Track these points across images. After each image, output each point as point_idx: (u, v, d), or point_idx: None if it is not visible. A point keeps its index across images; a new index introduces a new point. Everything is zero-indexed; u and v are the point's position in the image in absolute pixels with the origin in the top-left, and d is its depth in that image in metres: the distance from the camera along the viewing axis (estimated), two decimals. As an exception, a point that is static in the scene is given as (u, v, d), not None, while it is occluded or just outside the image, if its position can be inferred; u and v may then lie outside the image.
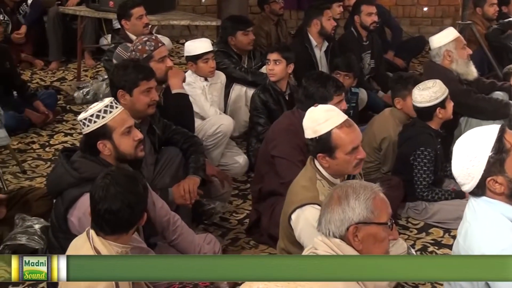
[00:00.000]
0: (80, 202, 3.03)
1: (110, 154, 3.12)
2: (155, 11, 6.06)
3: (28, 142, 5.56)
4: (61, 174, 3.13)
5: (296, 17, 8.33)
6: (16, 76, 5.90)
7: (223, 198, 4.42)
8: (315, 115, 3.16)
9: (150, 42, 4.10)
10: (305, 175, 3.20)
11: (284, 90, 4.86)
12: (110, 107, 3.12)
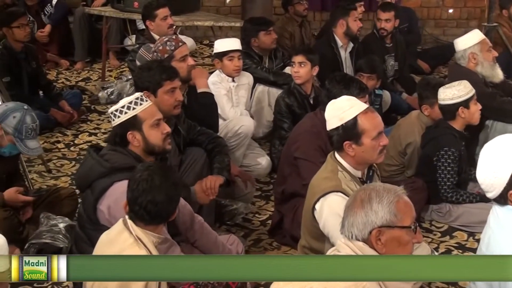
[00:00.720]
0: (110, 191, 3.09)
1: (139, 146, 3.20)
2: (179, 11, 6.09)
3: (54, 141, 5.61)
4: (91, 165, 3.21)
5: (320, 19, 8.32)
6: (42, 75, 5.98)
7: (246, 199, 4.44)
8: (338, 104, 3.20)
9: (170, 42, 4.13)
10: (325, 168, 3.23)
11: (309, 93, 4.85)
12: (140, 99, 3.23)
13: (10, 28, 5.62)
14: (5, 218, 3.83)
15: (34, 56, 5.87)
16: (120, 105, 3.21)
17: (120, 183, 3.05)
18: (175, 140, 3.83)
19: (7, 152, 3.90)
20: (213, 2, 8.39)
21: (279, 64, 5.74)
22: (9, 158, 3.98)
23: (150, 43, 4.70)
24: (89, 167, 3.21)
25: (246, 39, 5.53)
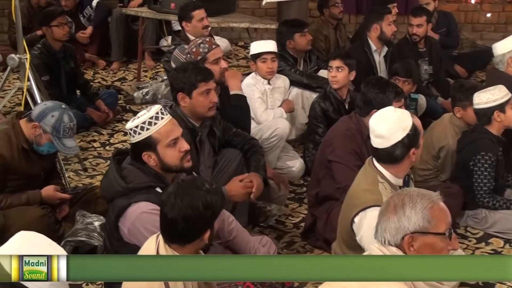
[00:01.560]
0: (128, 212, 3.03)
1: (156, 165, 3.11)
2: (215, 13, 6.12)
3: (90, 140, 5.68)
4: (110, 181, 3.14)
5: (355, 22, 8.28)
6: (79, 75, 6.05)
7: (280, 201, 4.44)
8: (395, 116, 3.15)
9: (204, 44, 4.14)
10: (365, 178, 3.19)
11: (344, 98, 4.84)
12: (155, 118, 3.07)
13: (49, 27, 5.70)
14: (42, 216, 3.88)
15: (72, 55, 5.94)
16: (134, 124, 3.07)
17: (137, 205, 3.02)
18: (210, 142, 3.85)
19: (45, 151, 3.95)
20: (248, 4, 8.40)
21: (314, 67, 5.74)
22: (47, 156, 4.04)
23: (185, 45, 4.73)
24: (109, 182, 3.16)
25: (281, 41, 5.53)
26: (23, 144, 3.88)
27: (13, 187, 3.93)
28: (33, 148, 3.93)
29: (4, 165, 3.82)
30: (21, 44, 4.73)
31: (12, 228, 3.74)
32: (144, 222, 2.97)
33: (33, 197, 3.97)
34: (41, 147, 3.91)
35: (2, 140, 3.85)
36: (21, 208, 3.89)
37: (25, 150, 3.90)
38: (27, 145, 3.89)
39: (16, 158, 3.87)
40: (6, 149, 3.83)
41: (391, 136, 3.11)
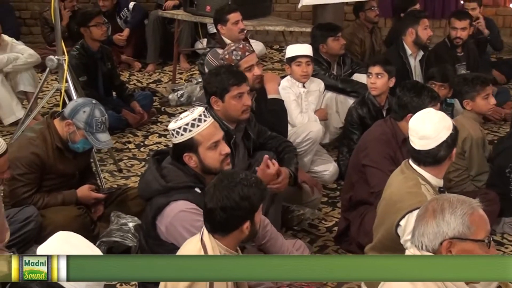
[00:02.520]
0: (167, 210, 3.06)
1: (196, 166, 3.14)
2: (251, 16, 6.13)
3: (125, 141, 5.72)
4: (150, 180, 3.18)
5: (391, 25, 8.24)
6: (116, 76, 6.11)
7: (313, 205, 4.44)
8: (438, 116, 3.14)
9: (237, 51, 4.11)
10: (406, 181, 3.16)
11: (382, 105, 4.80)
12: (198, 120, 3.12)
13: (87, 27, 5.76)
14: (77, 216, 3.93)
15: (109, 57, 6.01)
16: (177, 125, 3.11)
17: (176, 204, 3.04)
18: (245, 144, 3.85)
19: (80, 148, 3.99)
20: (284, 7, 8.42)
21: (348, 70, 5.71)
22: (82, 155, 4.08)
23: (218, 49, 4.75)
24: (148, 181, 3.19)
25: (315, 45, 5.51)
26: (57, 143, 3.93)
27: (49, 187, 3.98)
28: (68, 147, 3.97)
29: (40, 164, 3.88)
30: (60, 46, 4.79)
31: (48, 227, 3.80)
32: (182, 221, 2.99)
33: (68, 197, 4.02)
34: (76, 144, 3.95)
35: (37, 140, 3.91)
36: (58, 208, 3.94)
37: (60, 150, 3.94)
38: (62, 144, 3.94)
39: (51, 157, 3.92)
40: (42, 149, 3.89)
41: (437, 136, 3.08)
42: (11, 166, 3.86)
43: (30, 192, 3.88)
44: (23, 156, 3.86)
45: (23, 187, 3.87)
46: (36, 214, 3.81)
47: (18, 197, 3.87)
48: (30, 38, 8.19)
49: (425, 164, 3.13)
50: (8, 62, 5.96)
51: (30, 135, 3.98)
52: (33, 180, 3.89)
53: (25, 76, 6.07)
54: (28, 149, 3.88)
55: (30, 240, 3.77)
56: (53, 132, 3.93)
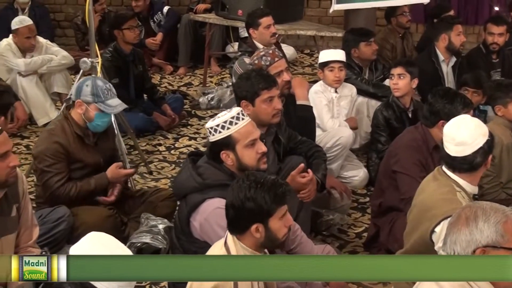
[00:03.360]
0: (202, 207, 3.09)
1: (233, 164, 3.16)
2: (282, 20, 6.15)
3: (155, 144, 5.76)
4: (186, 178, 3.21)
5: (423, 31, 8.19)
6: (147, 79, 6.16)
7: (342, 210, 4.43)
8: (474, 122, 3.12)
9: (266, 56, 4.12)
10: (439, 188, 3.13)
11: (407, 107, 4.79)
12: (236, 118, 3.15)
13: (120, 30, 5.82)
14: (108, 216, 3.97)
15: (141, 59, 6.06)
16: (216, 123, 3.15)
17: (212, 201, 3.07)
18: (275, 149, 3.85)
19: (100, 123, 3.98)
20: (315, 12, 8.41)
21: (379, 76, 5.70)
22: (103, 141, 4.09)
23: (245, 58, 4.73)
24: (184, 179, 3.23)
25: (347, 50, 5.51)
26: (76, 131, 3.98)
27: (77, 179, 4.02)
28: (88, 134, 4.00)
29: (64, 152, 3.92)
30: (93, 48, 4.84)
31: (80, 227, 3.84)
32: (217, 218, 3.00)
33: (100, 180, 4.04)
34: (94, 121, 3.97)
35: (57, 131, 3.98)
36: (89, 207, 3.99)
37: (80, 137, 3.99)
38: (81, 131, 3.98)
39: (73, 145, 3.97)
40: (62, 137, 3.95)
41: (474, 143, 3.06)
42: (38, 160, 3.95)
43: (61, 181, 3.93)
44: (46, 147, 3.93)
45: (54, 177, 3.91)
46: (68, 214, 3.85)
47: (51, 188, 3.92)
48: (64, 40, 8.29)
49: (460, 171, 3.10)
50: (43, 63, 6.05)
51: (49, 128, 4.07)
52: (61, 169, 3.93)
53: (59, 77, 6.15)
54: (49, 140, 3.95)
55: (62, 240, 3.81)
56: (71, 121, 3.99)
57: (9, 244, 3.07)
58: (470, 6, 8.18)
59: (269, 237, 2.65)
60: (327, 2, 8.00)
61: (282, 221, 2.67)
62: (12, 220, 3.07)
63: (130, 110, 5.66)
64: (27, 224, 3.16)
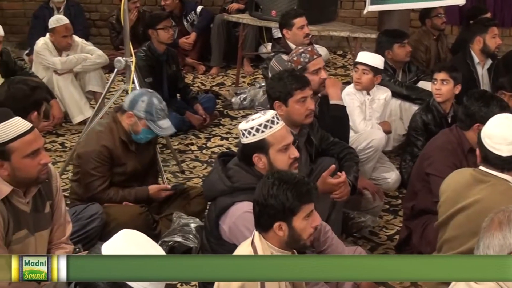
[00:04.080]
0: (231, 211, 3.09)
1: (264, 168, 3.14)
2: (316, 21, 6.14)
3: (187, 143, 5.79)
4: (215, 180, 3.21)
5: (458, 33, 8.11)
6: (180, 79, 6.19)
7: (374, 212, 4.41)
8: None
9: (305, 53, 4.14)
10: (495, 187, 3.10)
11: (447, 112, 4.75)
12: (271, 122, 3.13)
13: (155, 30, 5.87)
14: (140, 214, 4.00)
15: (174, 59, 6.10)
16: (250, 125, 3.13)
17: (241, 204, 3.07)
18: (307, 150, 3.85)
19: (143, 138, 4.05)
20: (349, 13, 8.38)
21: (413, 78, 5.66)
22: (144, 150, 4.14)
23: (283, 55, 4.75)
24: (213, 181, 3.23)
25: (380, 51, 5.48)
26: (122, 136, 4.02)
27: (116, 183, 4.07)
28: (132, 140, 4.04)
29: (109, 156, 3.98)
30: (128, 47, 4.88)
31: (112, 224, 3.89)
32: (246, 222, 3.00)
33: (140, 194, 4.11)
34: (139, 135, 4.02)
35: (105, 133, 4.03)
36: (122, 205, 4.03)
37: (124, 143, 4.03)
38: (126, 137, 4.02)
39: (118, 149, 4.02)
40: (109, 141, 3.99)
41: None
42: (83, 160, 3.99)
43: (104, 185, 3.99)
44: (93, 149, 3.98)
45: (97, 180, 3.98)
46: (101, 212, 3.90)
47: (93, 190, 3.99)
48: (98, 39, 8.37)
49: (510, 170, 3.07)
50: (78, 62, 6.12)
51: (98, 129, 4.12)
52: (105, 173, 4.00)
53: (94, 76, 6.22)
54: (97, 142, 4.00)
55: (95, 237, 3.86)
56: (119, 125, 4.03)
57: (42, 240, 3.10)
58: (507, 8, 8.08)
59: (293, 236, 2.63)
60: (361, 3, 7.97)
61: (308, 221, 2.64)
62: (46, 216, 3.11)
63: (164, 109, 5.73)
64: (60, 221, 3.19)
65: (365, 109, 4.94)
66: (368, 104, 4.95)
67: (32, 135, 2.90)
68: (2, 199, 2.90)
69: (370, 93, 4.95)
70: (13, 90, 3.81)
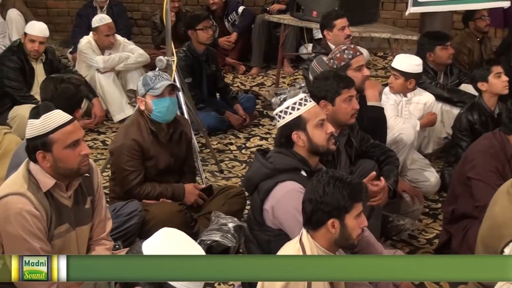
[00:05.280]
0: (274, 191, 3.14)
1: (304, 146, 3.21)
2: (357, 22, 6.10)
3: (226, 143, 5.81)
4: (257, 168, 3.27)
5: (502, 36, 7.99)
6: (220, 78, 6.22)
7: (413, 215, 4.37)
8: None
9: (348, 50, 4.13)
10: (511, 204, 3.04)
11: (493, 109, 4.69)
12: (304, 100, 3.25)
13: (194, 30, 5.91)
14: (179, 212, 4.02)
15: (214, 59, 6.12)
16: (285, 106, 3.25)
17: (283, 184, 3.12)
18: (347, 152, 3.83)
19: (161, 111, 3.99)
20: (390, 14, 8.32)
21: (455, 80, 5.59)
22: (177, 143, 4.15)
23: (324, 56, 4.73)
24: (255, 169, 3.29)
25: (421, 53, 5.43)
26: (151, 127, 4.05)
27: (150, 177, 4.10)
28: (161, 128, 4.05)
29: (139, 149, 4.02)
30: (170, 47, 4.91)
31: (151, 222, 3.92)
32: (290, 200, 3.06)
33: (177, 191, 4.15)
34: (154, 111, 4.00)
35: (133, 127, 4.07)
36: (160, 203, 4.06)
37: (154, 134, 4.06)
38: (154, 127, 4.05)
39: (147, 141, 4.05)
40: (137, 134, 4.03)
41: None
42: (115, 156, 4.04)
43: (137, 178, 4.03)
44: (122, 144, 4.03)
45: (131, 174, 4.02)
46: (140, 209, 3.93)
47: (128, 184, 4.03)
48: (140, 38, 8.46)
49: None
50: (120, 61, 6.19)
51: (126, 124, 4.20)
52: (137, 166, 4.03)
53: (135, 75, 6.28)
54: (126, 136, 4.04)
55: (134, 234, 3.90)
56: (146, 117, 4.06)
57: (83, 235, 3.14)
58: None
59: (344, 234, 2.70)
60: (403, 4, 7.92)
61: (357, 221, 2.72)
62: (87, 211, 3.14)
63: (203, 109, 5.77)
64: (100, 217, 3.23)
65: (401, 109, 4.90)
66: (404, 105, 4.90)
67: (72, 126, 2.94)
68: (45, 192, 2.94)
69: (408, 95, 4.90)
70: (60, 89, 3.87)
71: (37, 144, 2.90)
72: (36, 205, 2.89)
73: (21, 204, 2.87)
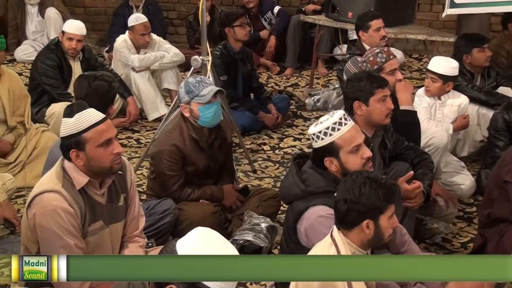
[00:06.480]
0: (306, 215, 3.09)
1: (337, 171, 3.14)
2: (392, 24, 6.07)
3: (260, 143, 5.81)
4: (290, 184, 3.22)
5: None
6: (254, 78, 6.23)
7: (447, 219, 4.33)
8: None
9: (381, 54, 4.11)
10: None
11: None
12: (339, 124, 3.10)
13: (231, 27, 5.91)
14: (213, 213, 4.04)
15: (249, 58, 6.13)
16: (318, 129, 3.11)
17: (315, 209, 3.07)
18: (381, 153, 3.81)
19: (208, 117, 3.99)
20: (426, 16, 8.25)
21: (492, 83, 5.52)
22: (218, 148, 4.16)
23: (358, 57, 4.71)
24: (288, 185, 3.24)
25: (458, 55, 5.37)
26: (192, 133, 4.06)
27: (190, 181, 4.12)
28: (202, 134, 4.05)
29: (180, 154, 4.02)
30: (205, 46, 4.93)
31: (185, 221, 3.94)
32: (321, 226, 3.00)
33: (216, 192, 4.17)
34: (201, 117, 4.01)
35: (174, 132, 4.08)
36: (195, 203, 4.08)
37: (195, 141, 4.07)
38: (196, 134, 4.06)
39: (188, 147, 4.06)
40: (179, 139, 4.04)
41: None
42: (156, 160, 4.06)
43: (178, 183, 4.05)
44: (163, 149, 4.04)
45: (171, 179, 4.04)
46: (174, 207, 3.95)
47: (169, 189, 4.05)
48: (175, 37, 8.50)
49: None
50: (155, 60, 6.24)
51: (168, 128, 4.18)
52: (178, 171, 4.05)
53: (170, 74, 6.32)
54: (167, 142, 4.05)
55: (167, 232, 3.92)
56: (188, 123, 4.07)
57: (117, 232, 3.17)
58: None
59: (377, 234, 2.72)
60: (439, 6, 7.85)
61: (390, 221, 2.74)
62: (120, 209, 3.17)
63: (237, 108, 5.78)
64: (134, 214, 3.25)
65: (435, 112, 4.85)
66: (438, 107, 4.86)
67: (105, 125, 2.96)
68: (79, 190, 2.98)
69: (442, 98, 4.85)
70: (94, 87, 3.90)
71: (71, 142, 2.94)
72: (70, 202, 2.93)
73: (56, 201, 2.91)
